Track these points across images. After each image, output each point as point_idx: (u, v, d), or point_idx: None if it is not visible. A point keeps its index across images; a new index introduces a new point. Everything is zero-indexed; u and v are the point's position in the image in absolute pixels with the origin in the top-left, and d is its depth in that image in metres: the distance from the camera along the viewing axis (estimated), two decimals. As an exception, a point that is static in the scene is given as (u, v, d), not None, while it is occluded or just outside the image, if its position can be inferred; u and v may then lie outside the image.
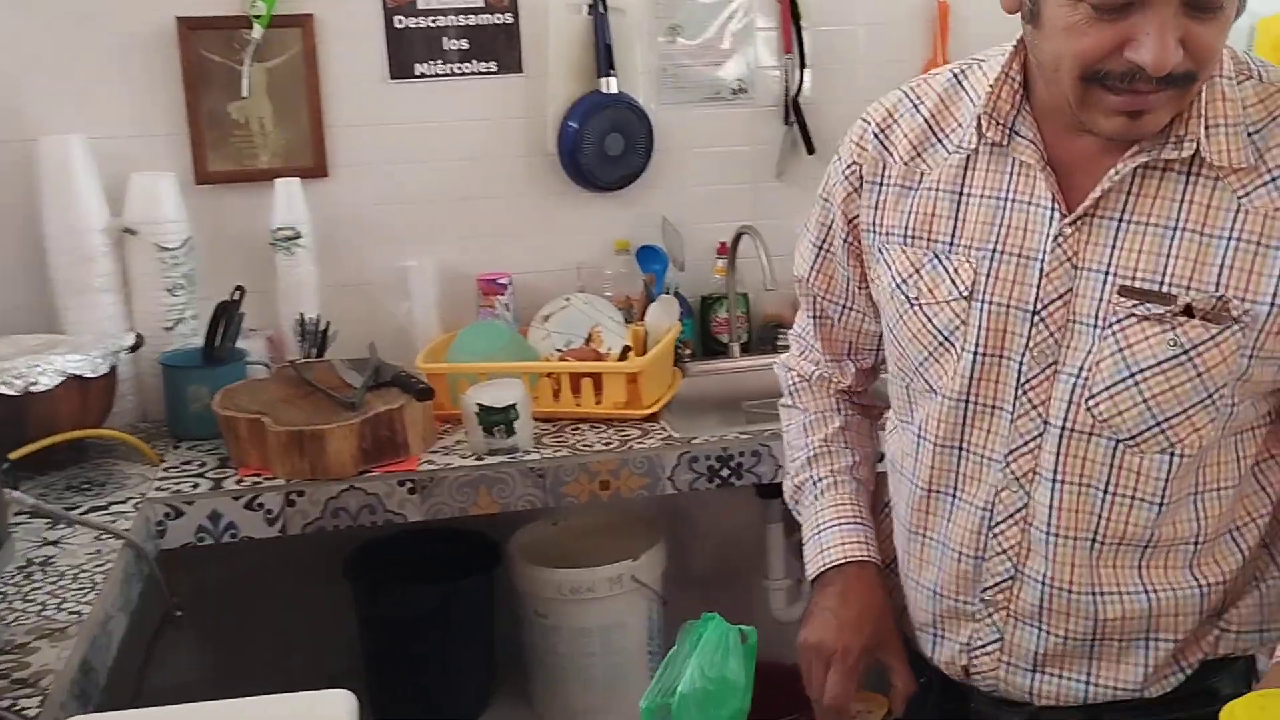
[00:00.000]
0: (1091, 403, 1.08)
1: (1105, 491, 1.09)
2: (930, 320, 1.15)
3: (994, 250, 1.12)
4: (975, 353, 1.13)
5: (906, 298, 1.18)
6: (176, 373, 2.19)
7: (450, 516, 2.01)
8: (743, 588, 2.55)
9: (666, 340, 2.33)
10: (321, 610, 2.39)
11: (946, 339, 1.15)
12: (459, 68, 2.47)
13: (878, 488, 1.36)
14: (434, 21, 2.44)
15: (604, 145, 2.51)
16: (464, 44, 2.47)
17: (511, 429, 2.06)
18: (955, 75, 1.20)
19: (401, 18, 2.43)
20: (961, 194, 1.15)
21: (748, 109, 2.66)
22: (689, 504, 2.56)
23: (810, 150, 2.64)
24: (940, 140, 1.18)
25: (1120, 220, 1.07)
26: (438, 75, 2.47)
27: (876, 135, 1.23)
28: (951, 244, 1.15)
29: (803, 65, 2.62)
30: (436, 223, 2.52)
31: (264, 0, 2.32)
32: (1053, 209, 1.09)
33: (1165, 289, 1.05)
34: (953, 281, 1.14)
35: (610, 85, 2.51)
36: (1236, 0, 0.99)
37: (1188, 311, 1.03)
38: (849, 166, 1.25)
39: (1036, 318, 1.10)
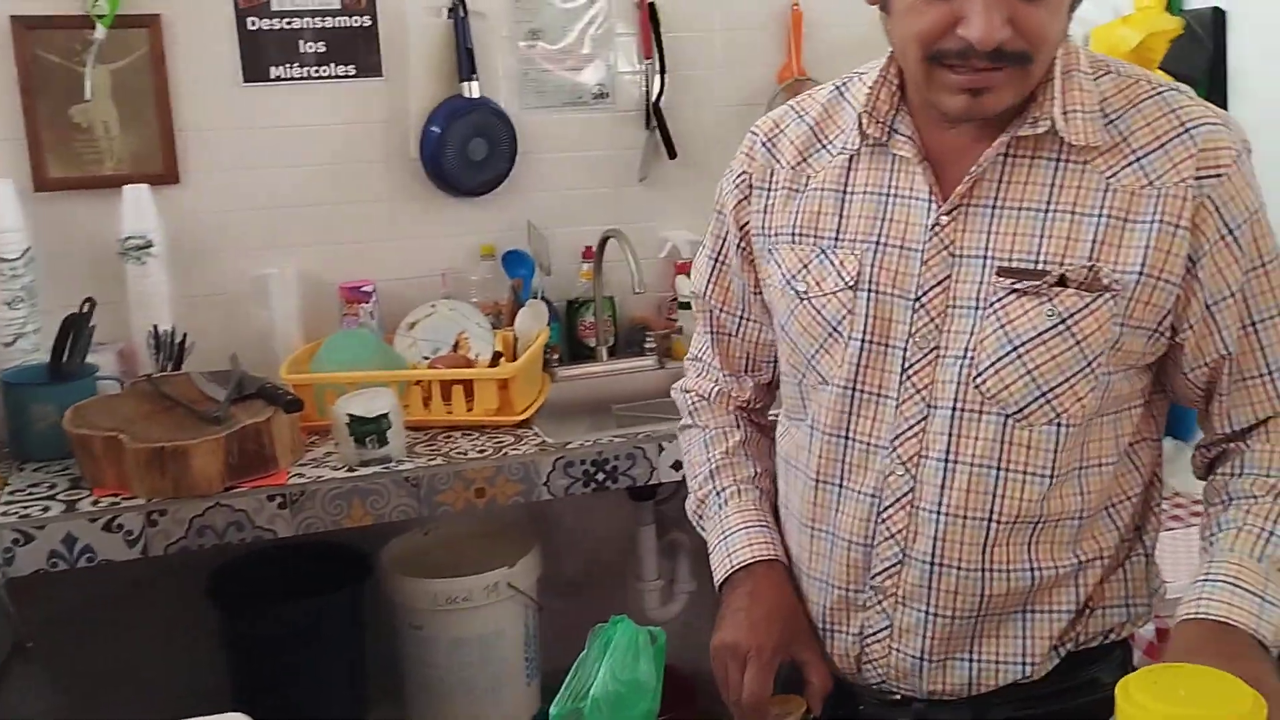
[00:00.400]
0: (979, 380, 1.12)
1: (998, 468, 1.14)
2: (819, 312, 1.20)
3: (877, 242, 1.17)
4: (862, 340, 1.17)
5: (796, 292, 1.22)
6: (19, 390, 2.08)
7: (323, 530, 1.96)
8: (616, 590, 2.57)
9: (537, 345, 2.32)
10: (185, 634, 2.29)
11: (834, 329, 1.19)
12: (316, 71, 2.42)
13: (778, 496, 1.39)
14: (289, 23, 2.38)
15: (467, 150, 2.49)
16: (321, 47, 2.41)
17: (384, 439, 2.02)
18: (837, 88, 1.26)
19: (254, 19, 2.36)
20: (845, 192, 1.20)
21: (610, 113, 2.67)
22: (562, 509, 2.56)
23: (672, 154, 2.68)
24: (824, 145, 1.23)
25: (994, 206, 1.13)
26: (294, 78, 2.41)
27: (764, 144, 1.28)
28: (837, 239, 1.20)
29: (662, 70, 2.65)
30: (296, 229, 2.46)
31: (107, 0, 2.22)
32: (930, 200, 1.15)
33: (1040, 267, 1.10)
34: (839, 274, 1.18)
35: (472, 89, 2.49)
36: None
37: (1062, 282, 1.10)
38: (739, 176, 1.30)
39: (917, 304, 1.15)
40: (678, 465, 2.09)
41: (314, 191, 2.46)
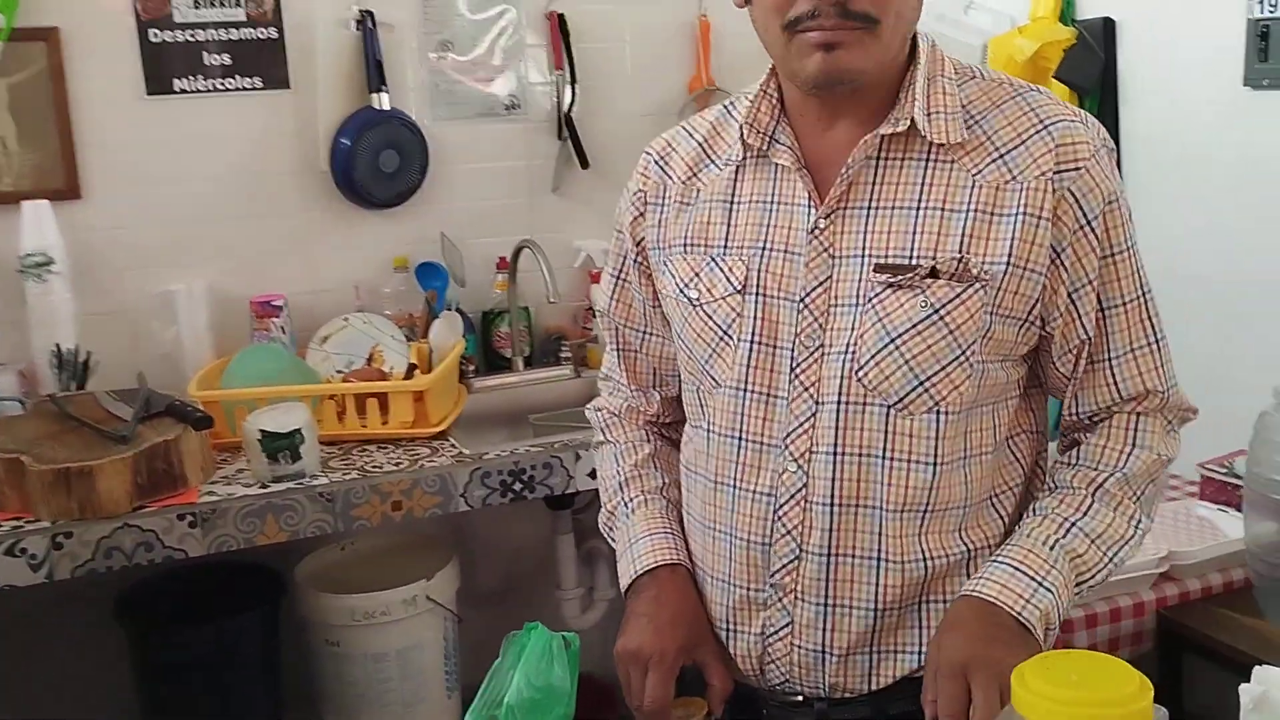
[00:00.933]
0: (861, 373, 1.16)
1: (883, 458, 1.18)
2: (711, 317, 1.24)
3: (763, 248, 1.22)
4: (751, 342, 1.21)
5: (689, 300, 1.26)
6: (-85, 413, 2.02)
7: (236, 549, 1.94)
8: (537, 600, 2.57)
9: (452, 357, 2.31)
10: (94, 659, 2.24)
11: (725, 332, 1.23)
12: (221, 83, 2.39)
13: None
14: (193, 36, 2.35)
15: (378, 162, 2.48)
16: (226, 58, 2.38)
17: (297, 454, 2.00)
18: (725, 107, 1.31)
19: (157, 31, 2.32)
20: (732, 202, 1.25)
21: (522, 124, 2.68)
22: (480, 520, 2.56)
23: (584, 164, 2.69)
24: (713, 160, 1.29)
25: (870, 207, 1.18)
26: (199, 91, 2.38)
27: (657, 162, 1.33)
28: (725, 247, 1.24)
29: (573, 81, 2.66)
30: (204, 244, 2.42)
31: (1, 12, 2.17)
32: (809, 205, 1.19)
33: (914, 262, 1.15)
34: (728, 279, 1.23)
35: (382, 101, 2.48)
36: None
37: (934, 273, 1.15)
38: (635, 194, 1.34)
39: (802, 305, 1.19)
40: (594, 474, 2.09)
41: (222, 205, 2.43)
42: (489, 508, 2.11)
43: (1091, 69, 2.30)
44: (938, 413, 1.17)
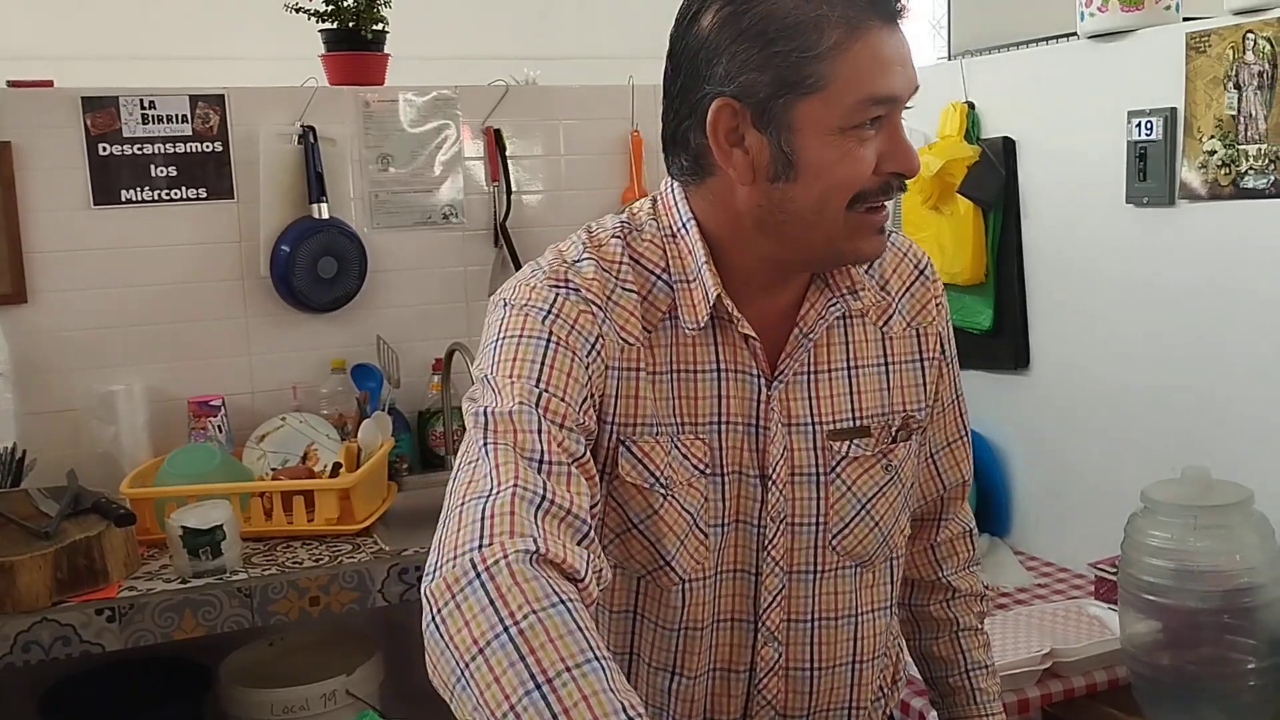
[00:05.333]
0: (835, 541, 1.17)
1: (857, 615, 1.20)
2: (681, 504, 1.12)
3: (720, 422, 1.13)
4: (721, 526, 1.14)
5: (664, 486, 1.12)
6: None
7: (154, 643, 1.99)
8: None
9: (379, 455, 2.39)
10: (17, 753, 2.28)
11: (695, 520, 1.13)
12: (167, 193, 2.51)
13: None
14: (140, 149, 2.47)
15: (317, 268, 2.58)
16: (172, 171, 2.51)
17: (218, 550, 2.07)
18: (628, 251, 1.13)
19: (105, 145, 2.45)
20: (682, 372, 1.12)
21: (459, 232, 2.80)
22: (406, 615, 2.60)
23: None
24: (660, 325, 1.12)
25: (810, 372, 1.15)
26: (145, 201, 2.49)
27: (604, 312, 1.10)
28: (681, 424, 1.12)
29: (509, 192, 2.79)
30: (146, 346, 2.52)
31: (-43, 127, 2.29)
32: (758, 375, 1.13)
33: (861, 422, 1.16)
34: (688, 460, 1.12)
35: (322, 211, 2.60)
36: None
37: (894, 439, 1.18)
38: (593, 340, 1.09)
39: (767, 480, 1.14)
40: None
41: (165, 309, 2.53)
42: (407, 603, 2.16)
43: (993, 184, 2.42)
44: (891, 560, 1.23)
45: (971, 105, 2.48)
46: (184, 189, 2.52)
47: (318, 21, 2.63)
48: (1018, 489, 2.47)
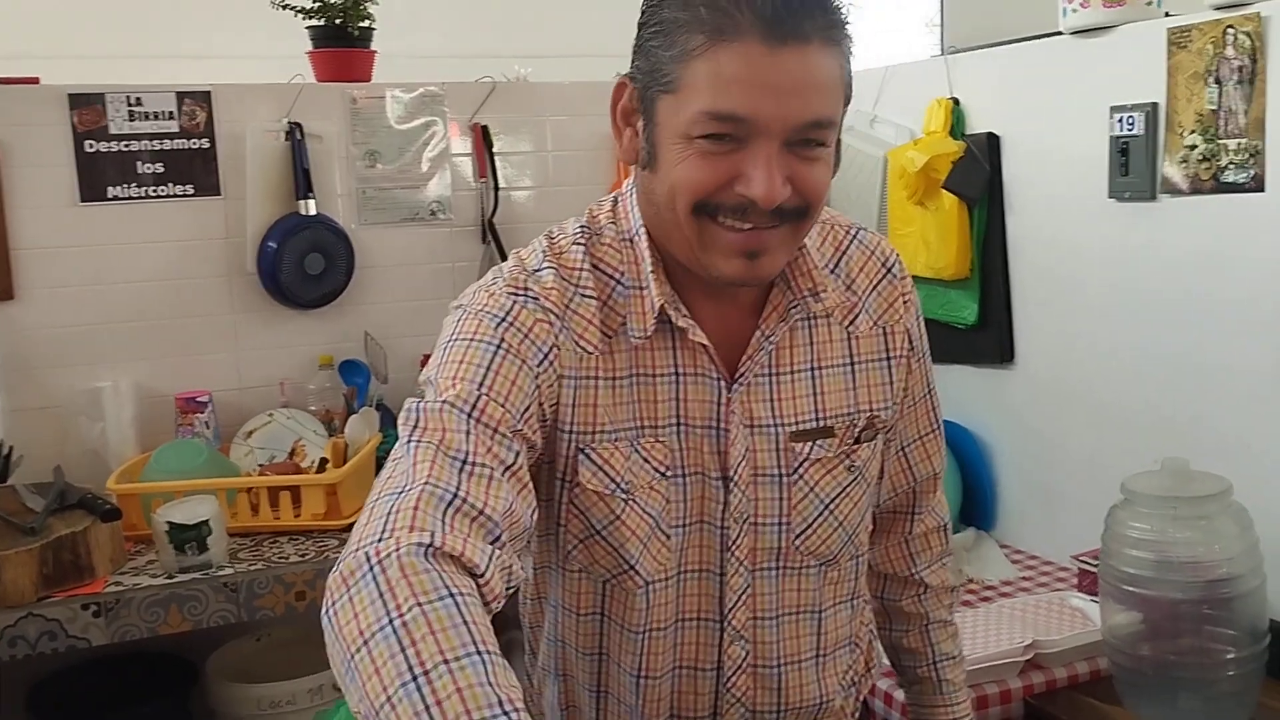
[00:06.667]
0: (799, 541, 1.17)
1: (820, 610, 1.22)
2: (643, 508, 1.13)
3: (680, 424, 1.13)
4: (684, 526, 1.15)
5: (624, 492, 1.12)
6: None
7: (139, 638, 1.99)
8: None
9: (365, 451, 2.39)
10: (4, 748, 2.28)
11: (657, 523, 1.14)
12: (154, 190, 2.51)
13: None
14: (127, 146, 2.48)
15: (304, 264, 2.59)
16: (159, 167, 2.51)
17: (204, 545, 2.07)
18: (589, 259, 1.13)
19: (92, 142, 2.45)
20: (639, 376, 1.12)
21: (447, 228, 2.80)
22: (395, 611, 2.60)
23: (507, 267, 2.80)
24: (618, 330, 1.13)
25: (771, 374, 1.15)
26: (132, 198, 2.49)
27: (560, 320, 1.10)
28: (641, 428, 1.12)
29: (496, 189, 2.79)
30: (134, 343, 2.52)
31: (-57, 124, 2.29)
32: (718, 377, 1.13)
33: (824, 423, 1.16)
34: (648, 463, 1.12)
35: (309, 207, 2.60)
36: (835, 145, 1.07)
37: (857, 439, 1.18)
38: (549, 349, 1.09)
39: (729, 481, 1.14)
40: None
41: (152, 305, 2.54)
42: (393, 598, 2.16)
43: (978, 179, 2.43)
44: (857, 558, 1.24)
45: (956, 101, 2.49)
46: (171, 186, 2.52)
47: (304, 18, 2.64)
48: (1003, 482, 2.48)
